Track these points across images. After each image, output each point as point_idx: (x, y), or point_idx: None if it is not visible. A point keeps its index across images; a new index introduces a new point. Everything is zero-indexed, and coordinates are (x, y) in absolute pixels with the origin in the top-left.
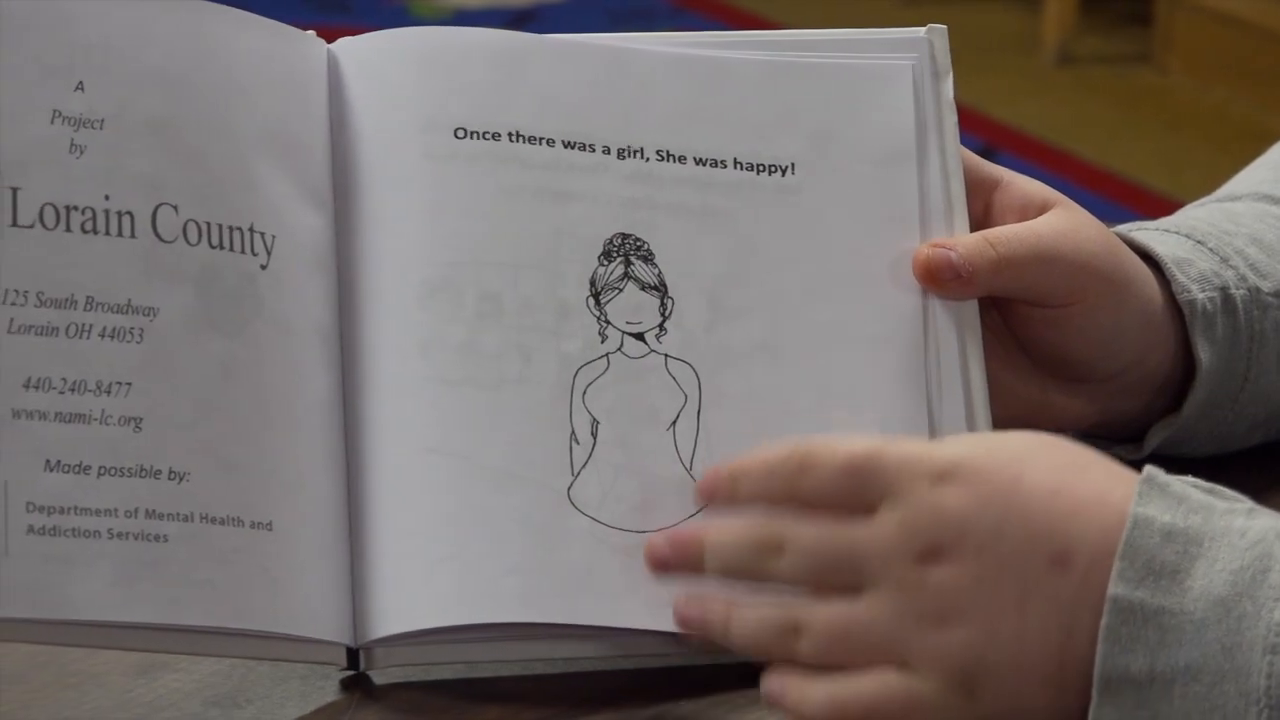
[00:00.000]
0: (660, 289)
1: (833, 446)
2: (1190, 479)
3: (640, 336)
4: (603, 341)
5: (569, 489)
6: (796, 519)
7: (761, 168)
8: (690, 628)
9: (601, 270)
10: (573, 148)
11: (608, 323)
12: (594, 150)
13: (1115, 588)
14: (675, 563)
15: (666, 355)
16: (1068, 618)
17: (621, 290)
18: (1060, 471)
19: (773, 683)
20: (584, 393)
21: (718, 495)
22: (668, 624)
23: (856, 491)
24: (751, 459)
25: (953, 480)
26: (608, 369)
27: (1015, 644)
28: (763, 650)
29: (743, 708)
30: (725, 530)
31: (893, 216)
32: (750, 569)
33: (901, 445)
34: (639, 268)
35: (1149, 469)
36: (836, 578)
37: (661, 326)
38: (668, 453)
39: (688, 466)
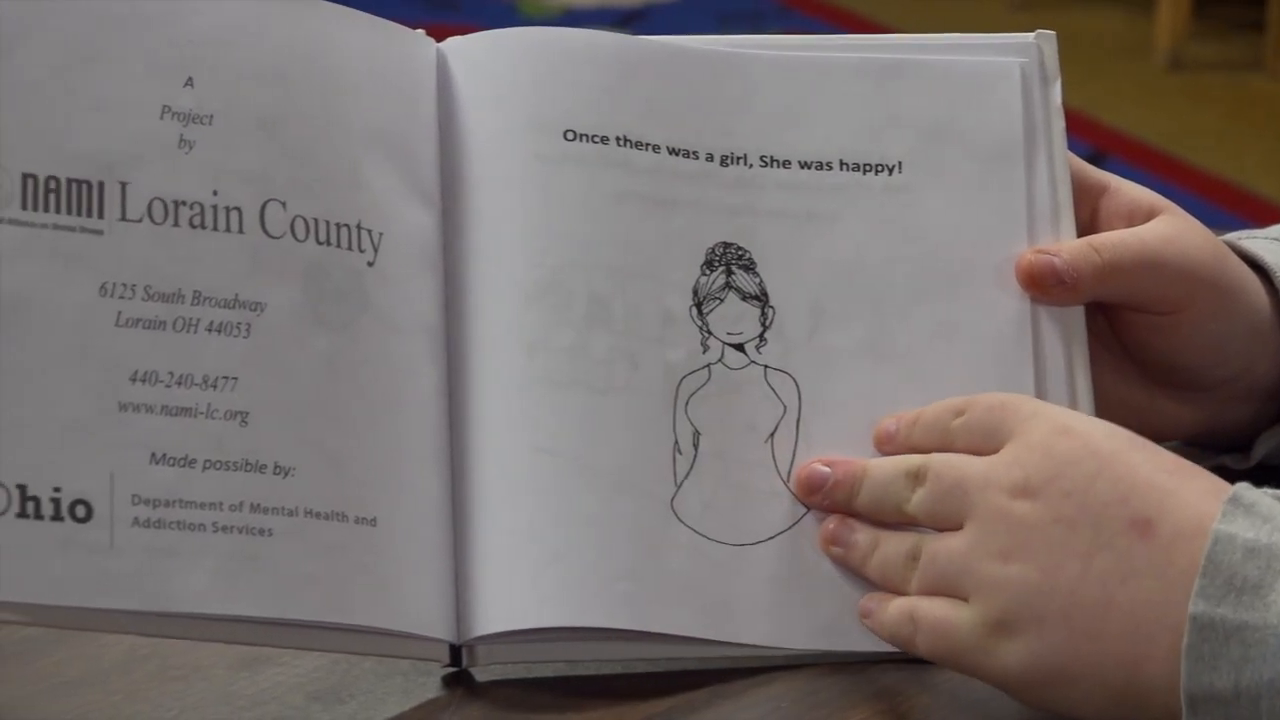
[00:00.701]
0: (761, 298)
1: (990, 393)
2: None
3: (740, 347)
4: (704, 352)
5: (672, 499)
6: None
7: (868, 167)
8: (834, 546)
9: (704, 280)
10: (677, 154)
11: (709, 333)
12: (697, 158)
13: (1195, 606)
14: (834, 487)
15: (766, 366)
16: (1134, 581)
17: (723, 300)
18: (1177, 463)
19: (868, 599)
20: (687, 403)
21: (896, 439)
22: (767, 638)
23: (994, 428)
24: (924, 408)
25: (1069, 434)
26: (709, 380)
27: (1069, 594)
28: (887, 579)
29: (845, 709)
30: (884, 462)
31: (999, 218)
32: (894, 499)
33: (1044, 403)
34: (740, 277)
35: (1237, 488)
36: (950, 506)
37: (762, 337)
38: (765, 465)
39: (784, 478)
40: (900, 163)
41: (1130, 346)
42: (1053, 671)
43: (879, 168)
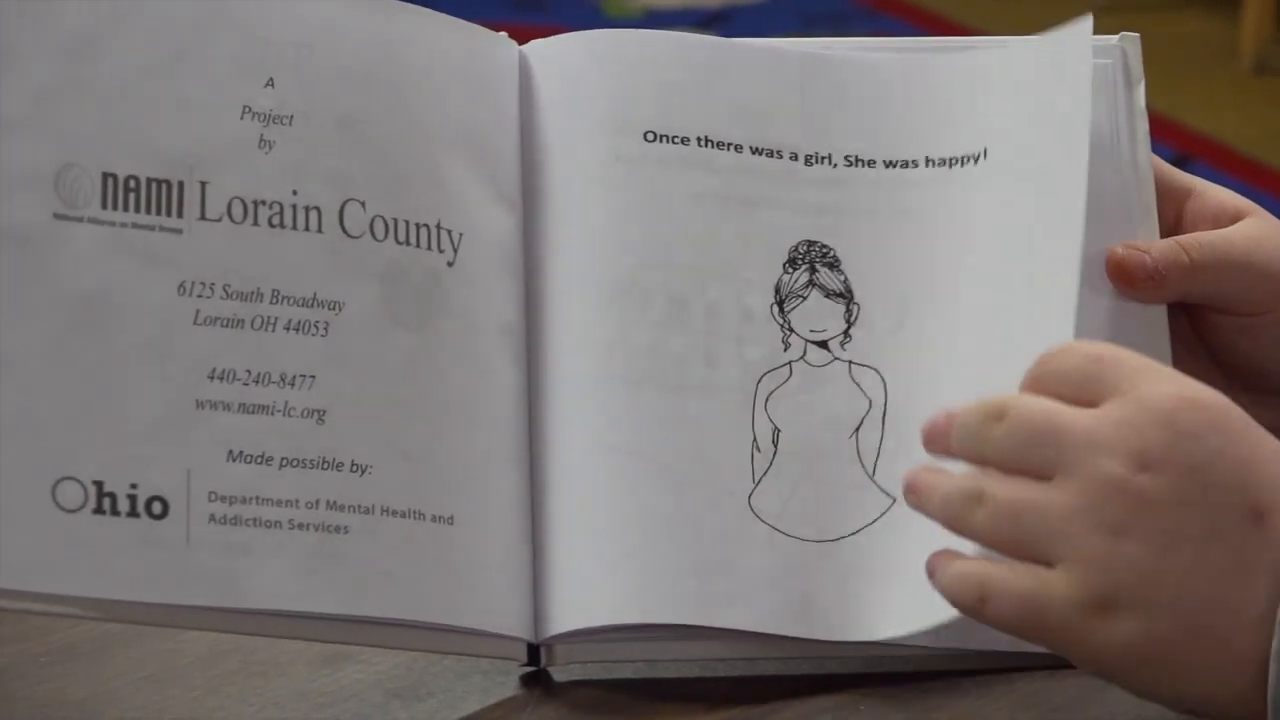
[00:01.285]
0: (845, 295)
1: (1084, 342)
2: None
3: (824, 344)
4: (786, 349)
5: (750, 496)
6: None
7: (954, 161)
8: (909, 494)
9: (786, 278)
10: (760, 154)
11: (791, 330)
12: (781, 157)
13: None
14: (937, 427)
15: (850, 362)
16: (1245, 575)
17: (805, 298)
18: None
19: (934, 555)
20: (766, 400)
21: None
22: (845, 634)
23: (1092, 379)
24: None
25: (1192, 405)
26: (790, 377)
27: (1180, 582)
28: (947, 516)
29: (927, 710)
30: (969, 404)
31: (1082, 219)
32: (974, 436)
33: (1146, 358)
34: (824, 275)
35: None
36: (1035, 455)
37: (846, 333)
38: (850, 460)
39: (870, 473)
40: (985, 149)
41: (1214, 349)
42: (1153, 658)
43: (965, 159)
